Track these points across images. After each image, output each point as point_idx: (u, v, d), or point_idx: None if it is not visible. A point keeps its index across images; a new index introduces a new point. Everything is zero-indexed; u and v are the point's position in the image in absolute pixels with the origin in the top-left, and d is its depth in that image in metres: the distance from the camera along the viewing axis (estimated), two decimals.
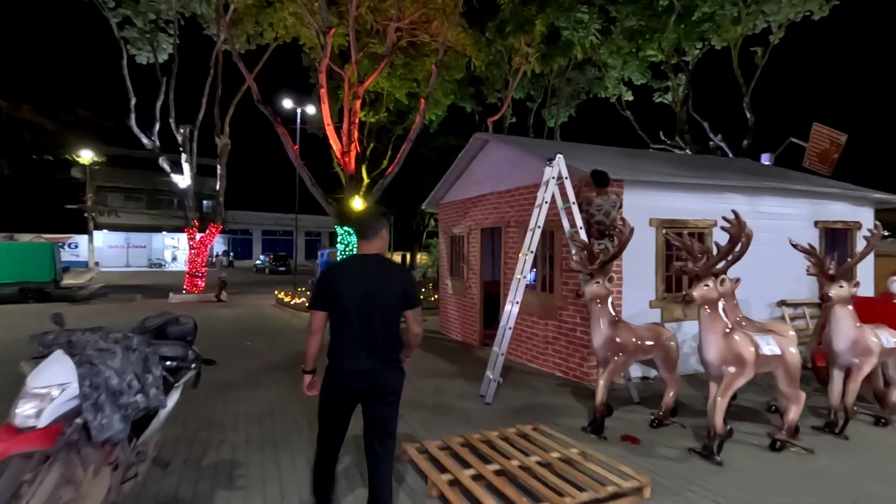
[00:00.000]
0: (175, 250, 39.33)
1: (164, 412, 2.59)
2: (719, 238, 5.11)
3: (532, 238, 5.31)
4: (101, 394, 1.94)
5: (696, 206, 6.59)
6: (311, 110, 17.77)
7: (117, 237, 36.82)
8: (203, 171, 40.92)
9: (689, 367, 6.18)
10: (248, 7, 14.95)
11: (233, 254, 40.74)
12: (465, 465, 3.46)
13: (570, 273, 6.35)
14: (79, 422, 1.98)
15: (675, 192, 6.46)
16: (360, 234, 2.87)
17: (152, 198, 38.50)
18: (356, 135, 12.39)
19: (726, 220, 3.70)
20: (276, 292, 15.25)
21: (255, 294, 18.97)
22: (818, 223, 7.49)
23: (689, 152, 16.22)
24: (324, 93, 11.82)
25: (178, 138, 16.47)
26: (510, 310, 5.57)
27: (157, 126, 16.48)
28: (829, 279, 4.07)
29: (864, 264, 6.61)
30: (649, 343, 4.29)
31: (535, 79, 22.43)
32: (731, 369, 3.53)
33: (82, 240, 33.46)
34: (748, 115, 15.46)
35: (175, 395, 2.83)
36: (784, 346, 3.78)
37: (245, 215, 43.66)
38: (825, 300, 4.04)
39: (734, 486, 3.34)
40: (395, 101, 21.05)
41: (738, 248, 3.70)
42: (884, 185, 8.61)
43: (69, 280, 24.65)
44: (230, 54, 14.14)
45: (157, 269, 36.81)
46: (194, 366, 3.08)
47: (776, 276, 6.86)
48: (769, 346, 3.69)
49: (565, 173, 5.25)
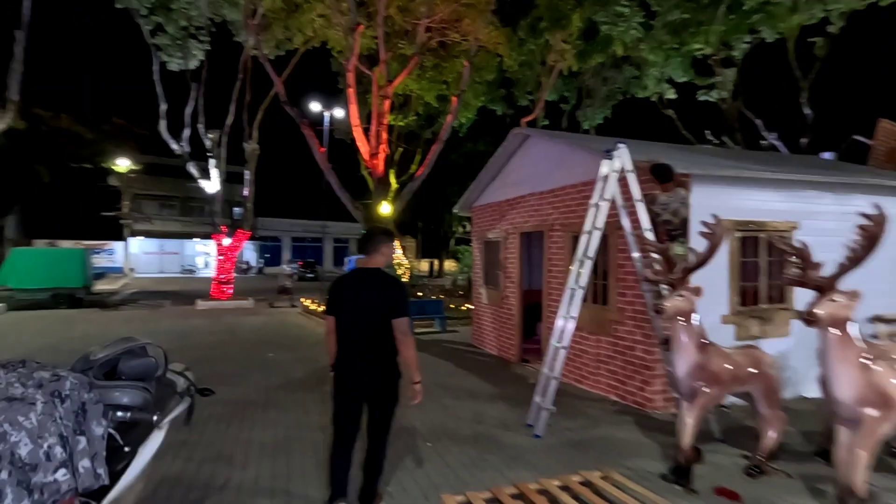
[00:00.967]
0: (207, 257, 39.86)
1: (137, 466, 1.94)
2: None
3: (589, 242, 4.54)
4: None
5: (774, 205, 5.70)
6: (339, 114, 17.41)
7: (151, 244, 37.55)
8: (233, 179, 41.56)
9: None
10: (277, 11, 14.72)
11: (262, 260, 41.01)
12: None
13: (626, 282, 5.54)
14: None
15: (751, 189, 5.59)
16: (362, 249, 3.11)
17: (185, 205, 39.16)
18: (384, 136, 11.87)
19: (866, 216, 2.87)
20: (301, 300, 14.82)
21: (282, 300, 18.63)
22: None
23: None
24: (351, 93, 11.36)
25: (207, 143, 16.34)
26: (563, 326, 4.82)
27: (187, 132, 16.40)
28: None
29: None
30: (748, 372, 3.46)
31: (568, 79, 21.59)
32: (874, 413, 2.70)
33: (119, 246, 34.21)
34: (806, 112, 14.24)
35: (155, 439, 2.17)
36: None
37: (274, 222, 44.00)
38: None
39: None
40: (424, 105, 20.60)
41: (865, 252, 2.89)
42: None
43: (104, 286, 25.06)
44: (259, 60, 13.94)
45: (189, 275, 37.32)
46: (187, 399, 2.46)
47: (870, 287, 5.86)
48: None
49: (629, 166, 4.48)
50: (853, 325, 2.84)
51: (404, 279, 14.78)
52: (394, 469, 3.60)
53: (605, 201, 4.44)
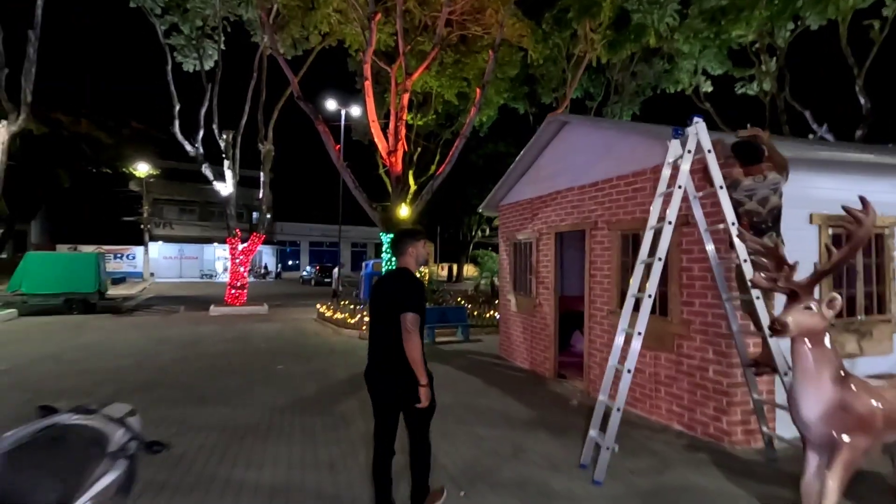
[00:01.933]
0: (226, 261, 39.81)
1: None
2: None
3: (659, 239, 3.66)
4: None
5: (872, 197, 4.73)
6: (355, 112, 16.79)
7: (171, 248, 37.61)
8: (252, 183, 41.51)
9: None
10: (293, 9, 14.19)
11: (280, 265, 40.78)
12: None
13: (693, 289, 4.65)
14: None
15: (847, 176, 4.65)
16: (392, 251, 3.19)
17: (205, 210, 39.18)
18: (403, 132, 11.16)
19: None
20: (318, 305, 14.16)
21: (298, 307, 18.04)
22: None
23: None
24: (368, 86, 10.68)
25: (221, 144, 15.89)
26: (625, 343, 3.95)
27: (202, 133, 15.97)
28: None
29: None
30: None
31: (594, 75, 20.66)
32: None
33: (139, 251, 34.29)
34: (862, 101, 13.05)
35: None
36: None
37: (293, 227, 43.85)
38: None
39: None
40: (444, 104, 19.90)
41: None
42: None
43: (123, 291, 24.95)
44: (274, 59, 13.40)
45: (208, 279, 37.23)
46: (121, 461, 1.69)
47: None
48: None
49: (708, 144, 3.60)
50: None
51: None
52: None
53: (681, 188, 3.57)
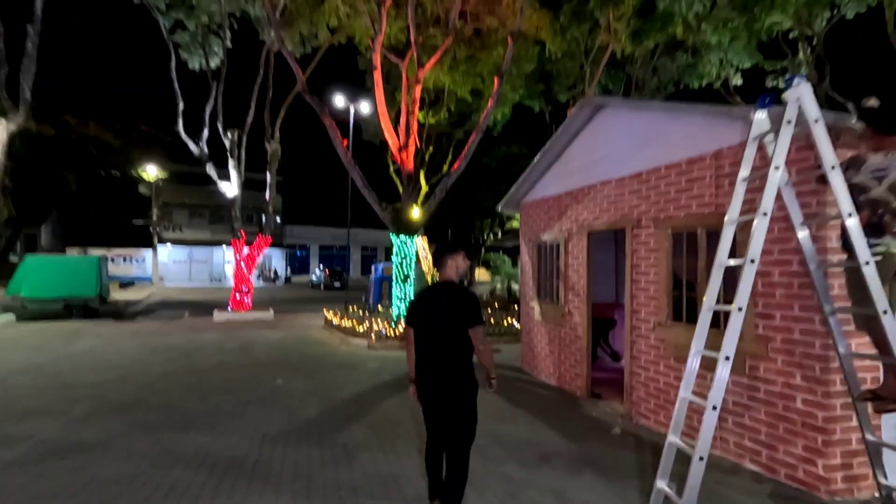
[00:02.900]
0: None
1: None
2: None
3: (754, 235, 2.81)
4: None
5: None
6: (364, 108, 16.12)
7: (181, 252, 37.30)
8: (260, 186, 41.18)
9: None
10: (301, 4, 13.57)
11: (289, 269, 40.29)
12: None
13: (772, 299, 3.79)
14: None
15: None
16: (434, 264, 3.44)
17: (214, 213, 38.86)
18: (415, 127, 10.42)
19: None
20: (325, 311, 13.45)
21: (305, 312, 17.36)
22: None
23: None
24: (378, 77, 9.97)
25: (226, 143, 15.29)
26: (713, 371, 3.11)
27: (206, 132, 15.39)
28: None
29: None
30: None
31: (613, 70, 19.82)
32: None
33: (148, 254, 34.02)
34: None
35: None
36: None
37: (303, 230, 43.40)
38: None
39: None
40: (457, 102, 19.20)
41: None
42: None
43: (130, 295, 24.54)
44: (281, 57, 12.78)
45: (217, 283, 36.85)
46: None
47: None
48: None
49: (815, 112, 2.76)
50: None
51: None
52: None
53: (779, 169, 2.72)
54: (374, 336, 10.08)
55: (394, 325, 10.12)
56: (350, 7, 12.62)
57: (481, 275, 43.95)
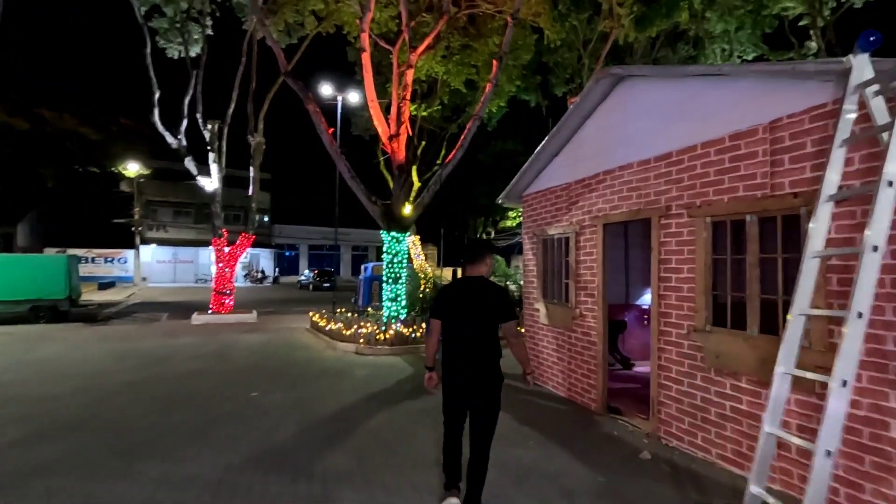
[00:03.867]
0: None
1: None
2: None
3: (876, 213, 2.07)
4: None
5: None
6: (353, 98, 15.30)
7: (165, 252, 36.13)
8: (245, 184, 40.13)
9: None
10: None
11: (278, 269, 39.27)
12: None
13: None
14: None
15: None
16: (467, 258, 3.26)
17: (200, 212, 37.73)
18: (407, 114, 9.64)
19: None
20: (310, 314, 12.62)
21: (291, 314, 16.53)
22: None
23: None
24: (366, 59, 9.18)
25: (206, 136, 14.40)
26: (831, 404, 2.41)
27: (185, 123, 14.49)
28: None
29: None
30: None
31: (612, 62, 19.20)
32: None
33: (130, 255, 32.86)
34: None
35: None
36: None
37: (292, 229, 42.41)
38: None
39: None
40: (451, 94, 18.49)
41: None
42: None
43: (109, 296, 23.48)
44: (265, 45, 11.94)
45: (203, 284, 35.76)
46: None
47: None
48: None
49: None
50: None
51: (428, 289, 12.48)
52: None
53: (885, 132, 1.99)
54: (362, 340, 9.30)
55: (384, 328, 9.34)
56: None
57: None
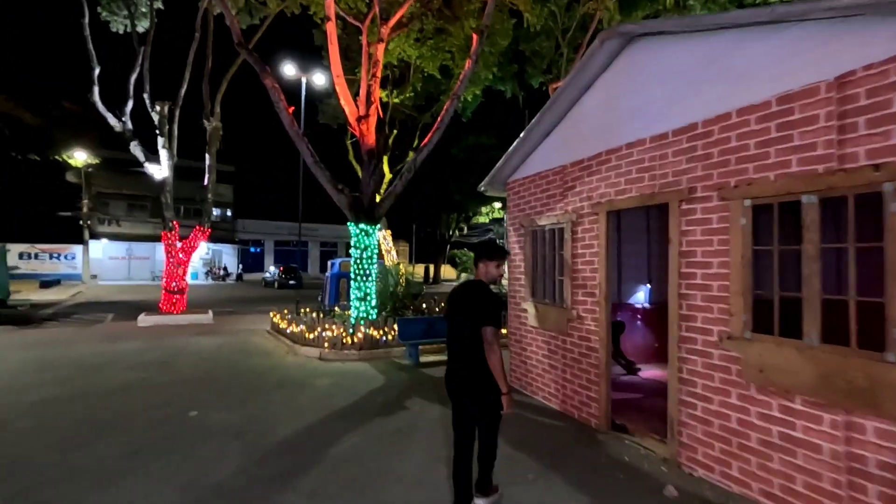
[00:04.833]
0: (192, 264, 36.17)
1: None
2: None
3: None
4: None
5: None
6: (319, 80, 14.18)
7: (118, 248, 33.86)
8: (216, 178, 38.08)
9: None
10: None
11: (242, 266, 37.50)
12: None
13: None
14: None
15: None
16: (483, 257, 3.14)
17: (157, 205, 35.61)
18: (377, 94, 8.70)
19: None
20: (272, 314, 11.54)
21: (253, 314, 15.34)
22: None
23: None
24: (331, 29, 8.20)
25: (154, 118, 13.05)
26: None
27: (131, 104, 13.09)
28: None
29: None
30: None
31: None
32: None
33: (79, 250, 30.60)
34: None
35: None
36: None
37: (257, 224, 40.64)
38: None
39: None
40: (424, 81, 17.61)
41: None
42: None
43: (51, 296, 21.55)
44: (222, 20, 10.74)
45: (159, 282, 33.72)
46: None
47: None
48: None
49: None
50: None
51: (400, 286, 11.58)
52: None
53: None
54: (327, 345, 8.34)
55: (351, 330, 8.40)
56: None
57: (446, 272, 42.52)
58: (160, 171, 13.07)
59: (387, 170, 16.86)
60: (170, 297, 13.19)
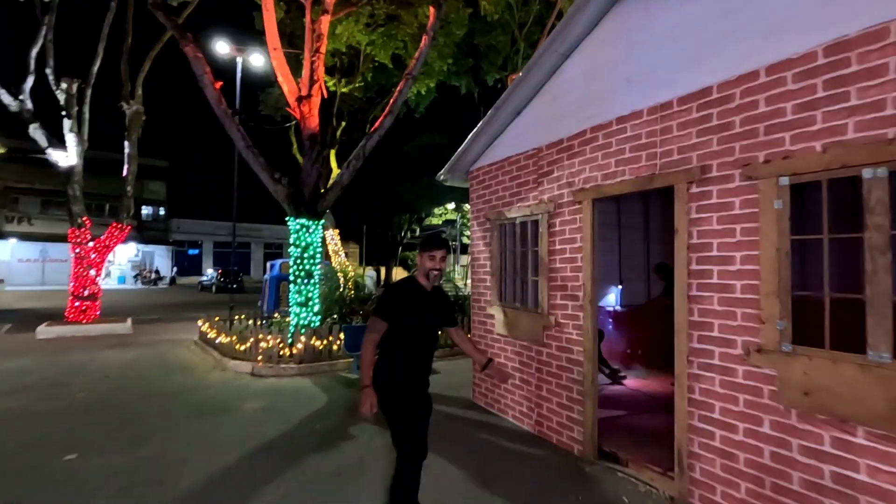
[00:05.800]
0: (108, 264, 32.96)
1: None
2: None
3: None
4: None
5: None
6: (257, 61, 12.86)
7: (30, 249, 30.36)
8: (145, 173, 35.04)
9: None
10: None
11: (176, 269, 34.70)
12: None
13: None
14: None
15: None
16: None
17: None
18: (321, 71, 7.67)
19: None
20: (200, 322, 10.15)
21: (181, 321, 13.74)
22: None
23: None
24: None
25: (60, 98, 11.29)
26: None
27: (31, 80, 11.25)
28: None
29: None
30: None
31: None
32: None
33: None
34: None
35: None
36: None
37: (193, 224, 37.84)
38: None
39: None
40: (375, 73, 16.64)
41: None
42: None
43: None
44: None
45: None
46: None
47: None
48: None
49: None
50: None
51: (349, 291, 10.53)
52: None
53: None
54: (261, 358, 7.20)
55: (290, 340, 7.31)
56: None
57: (399, 275, 41.39)
58: (66, 158, 11.31)
59: (334, 165, 15.72)
60: (78, 303, 11.44)
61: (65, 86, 11.23)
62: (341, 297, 9.31)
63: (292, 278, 7.79)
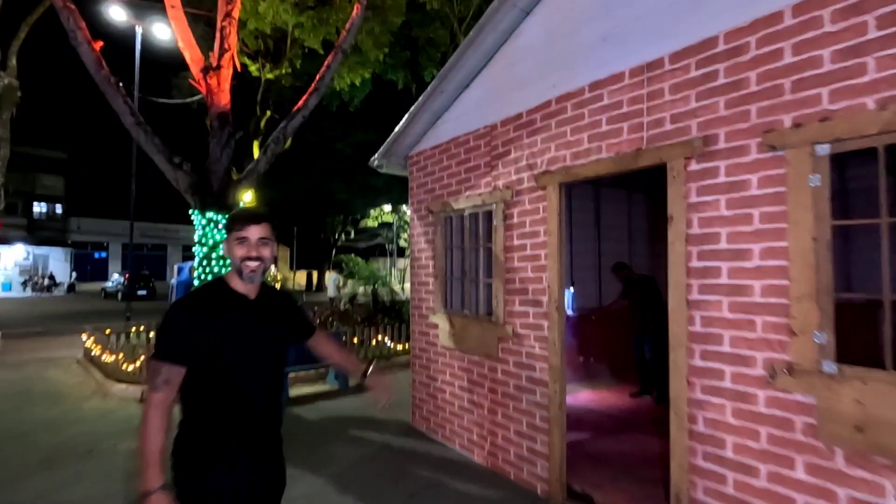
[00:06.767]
0: (5, 270, 28.49)
1: None
2: None
3: None
4: None
5: None
6: (163, 33, 11.24)
7: None
8: (35, 165, 30.89)
9: None
10: None
11: (75, 273, 30.81)
12: None
13: None
14: None
15: None
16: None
17: None
18: (233, 38, 6.50)
19: None
20: (84, 336, 8.49)
21: (68, 335, 11.70)
22: None
23: None
24: None
25: None
26: None
27: None
28: None
29: None
30: None
31: None
32: None
33: None
34: None
35: None
36: None
37: (97, 224, 33.95)
38: None
39: None
40: (304, 60, 15.39)
41: None
42: None
43: None
44: None
45: None
46: None
47: None
48: None
49: None
50: None
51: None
52: None
53: None
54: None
55: None
56: None
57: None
58: None
59: (256, 150, 14.30)
60: None
61: None
62: None
63: (197, 283, 6.52)
